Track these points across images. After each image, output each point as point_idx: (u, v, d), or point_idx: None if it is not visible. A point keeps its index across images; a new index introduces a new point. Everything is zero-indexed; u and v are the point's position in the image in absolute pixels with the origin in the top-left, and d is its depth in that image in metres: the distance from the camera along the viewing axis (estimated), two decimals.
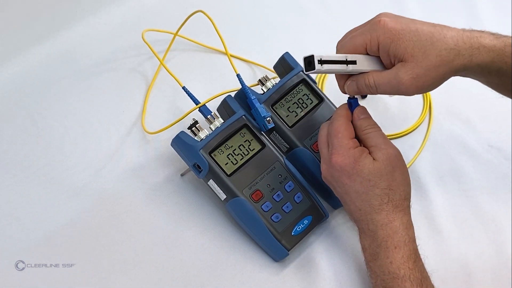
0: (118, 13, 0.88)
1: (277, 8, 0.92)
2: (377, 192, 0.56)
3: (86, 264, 0.62)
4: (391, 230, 0.55)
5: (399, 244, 0.55)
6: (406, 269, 0.54)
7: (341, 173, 0.57)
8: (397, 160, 0.57)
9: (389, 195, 0.56)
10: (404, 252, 0.54)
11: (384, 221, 0.56)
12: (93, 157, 0.71)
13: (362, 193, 0.57)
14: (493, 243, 0.65)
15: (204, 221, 0.66)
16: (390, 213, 0.56)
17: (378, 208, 0.56)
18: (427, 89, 0.57)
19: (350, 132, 0.59)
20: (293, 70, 0.69)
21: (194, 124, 0.64)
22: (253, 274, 0.63)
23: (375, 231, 0.56)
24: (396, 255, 0.54)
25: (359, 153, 0.57)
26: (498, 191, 0.70)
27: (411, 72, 0.55)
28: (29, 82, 0.78)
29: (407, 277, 0.53)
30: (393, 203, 0.56)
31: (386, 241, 0.55)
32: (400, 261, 0.54)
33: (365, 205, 0.57)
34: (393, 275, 0.54)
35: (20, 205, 0.67)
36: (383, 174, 0.56)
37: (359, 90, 0.59)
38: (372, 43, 0.57)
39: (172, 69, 0.71)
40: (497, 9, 0.92)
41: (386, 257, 0.55)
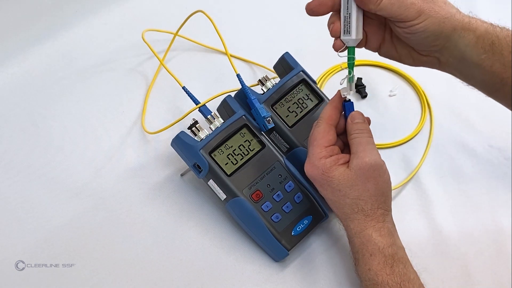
0: (118, 13, 0.88)
1: (277, 8, 0.92)
2: (348, 202, 0.56)
3: (86, 264, 0.62)
4: (364, 238, 0.56)
5: (373, 252, 0.55)
6: (384, 275, 0.54)
7: (314, 182, 0.59)
8: (372, 170, 0.56)
9: (358, 205, 0.56)
10: (379, 259, 0.54)
11: (357, 229, 0.56)
12: (93, 157, 0.71)
13: (334, 201, 0.58)
14: (493, 243, 0.65)
15: (204, 221, 0.66)
16: (361, 222, 0.56)
17: (350, 216, 0.57)
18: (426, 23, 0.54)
19: (327, 140, 0.58)
20: (293, 70, 0.69)
21: (194, 124, 0.64)
22: (253, 274, 0.63)
23: (352, 238, 0.57)
24: (373, 262, 0.55)
25: (330, 163, 0.57)
26: (498, 191, 0.70)
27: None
28: (29, 82, 0.78)
29: (386, 283, 0.53)
30: (364, 213, 0.56)
31: (362, 249, 0.56)
32: (377, 267, 0.54)
33: (340, 212, 0.58)
34: (372, 282, 0.54)
35: (20, 205, 0.67)
36: (354, 184, 0.56)
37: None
38: None
39: (172, 69, 0.71)
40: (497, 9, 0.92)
41: (364, 264, 0.55)
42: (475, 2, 0.94)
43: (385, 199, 0.57)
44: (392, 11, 0.54)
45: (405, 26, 0.55)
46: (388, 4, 0.54)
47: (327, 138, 0.58)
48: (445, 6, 0.56)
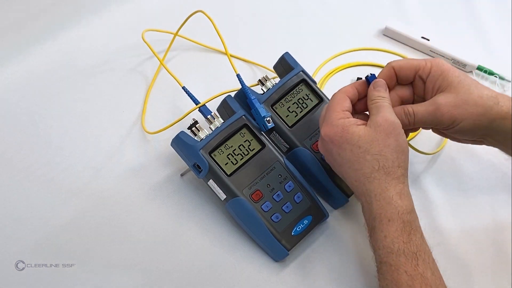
0: (118, 13, 0.88)
1: (277, 8, 0.92)
2: (368, 159, 0.55)
3: (86, 264, 0.62)
4: (384, 200, 0.54)
5: (392, 217, 0.53)
6: (401, 243, 0.52)
7: (332, 145, 0.57)
8: (392, 127, 0.56)
9: (379, 161, 0.54)
10: (398, 225, 0.53)
11: (377, 190, 0.54)
12: (93, 157, 0.71)
13: (353, 162, 0.55)
14: (493, 243, 0.65)
15: (204, 221, 0.66)
16: (382, 181, 0.54)
17: (370, 176, 0.55)
18: (461, 126, 0.58)
19: (343, 106, 0.58)
20: (293, 70, 0.69)
21: (194, 124, 0.64)
22: (253, 274, 0.63)
23: (370, 203, 0.55)
24: (390, 228, 0.53)
25: (349, 122, 0.57)
26: (498, 191, 0.70)
27: (450, 100, 0.58)
28: (29, 82, 0.78)
29: (401, 252, 0.52)
30: (384, 170, 0.54)
31: (380, 214, 0.54)
32: (394, 234, 0.53)
33: (358, 175, 0.55)
34: (387, 250, 0.52)
35: (20, 205, 0.67)
36: (374, 140, 0.55)
37: None
38: (425, 69, 0.60)
39: (172, 69, 0.71)
40: (497, 9, 0.92)
41: (381, 230, 0.53)
42: (475, 2, 0.94)
43: (405, 158, 0.56)
44: (427, 123, 0.60)
45: (443, 130, 0.61)
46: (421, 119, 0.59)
47: (344, 105, 0.59)
48: (480, 101, 0.57)
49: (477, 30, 0.89)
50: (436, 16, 0.92)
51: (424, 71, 0.61)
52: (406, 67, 0.62)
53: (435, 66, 0.60)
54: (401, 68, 0.62)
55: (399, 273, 0.51)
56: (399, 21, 0.88)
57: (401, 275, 0.51)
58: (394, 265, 0.52)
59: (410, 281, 0.51)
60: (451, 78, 0.59)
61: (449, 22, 0.91)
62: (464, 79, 0.59)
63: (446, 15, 0.92)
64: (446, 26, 0.90)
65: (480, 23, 0.90)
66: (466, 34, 0.89)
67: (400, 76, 0.62)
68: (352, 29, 0.89)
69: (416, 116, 0.59)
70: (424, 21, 0.91)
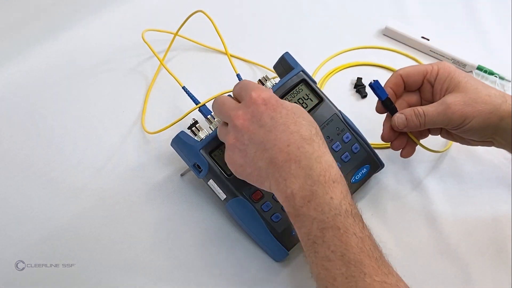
0: (118, 13, 0.88)
1: (277, 8, 0.92)
2: (304, 124, 0.52)
3: (86, 264, 0.62)
4: (326, 163, 0.50)
5: (336, 178, 0.50)
6: (347, 205, 0.49)
7: (265, 107, 0.53)
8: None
9: (315, 128, 0.53)
10: (342, 187, 0.50)
11: (318, 153, 0.51)
12: (93, 157, 0.71)
13: (290, 124, 0.52)
14: (493, 243, 0.65)
15: (204, 221, 0.66)
16: (321, 145, 0.52)
17: (309, 138, 0.51)
18: (472, 124, 0.59)
19: None
20: (293, 70, 0.68)
21: (194, 124, 0.64)
22: (253, 274, 0.63)
23: (310, 166, 0.50)
24: (336, 190, 0.49)
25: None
26: (498, 191, 0.70)
27: (459, 99, 0.59)
28: (29, 82, 0.78)
29: (349, 213, 0.49)
30: (320, 137, 0.53)
31: (324, 175, 0.50)
32: (340, 196, 0.49)
33: (294, 137, 0.51)
34: (334, 212, 0.48)
35: (20, 205, 0.67)
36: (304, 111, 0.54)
37: (407, 120, 0.62)
38: (433, 72, 0.62)
39: (172, 69, 0.71)
40: (497, 9, 0.93)
41: (326, 192, 0.49)
42: (475, 2, 0.94)
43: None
44: (438, 123, 0.61)
45: (453, 129, 0.62)
46: (431, 119, 0.60)
47: None
48: (489, 99, 0.59)
49: (477, 30, 0.89)
50: (436, 16, 0.92)
51: (431, 74, 0.62)
52: (414, 73, 0.63)
53: (441, 69, 0.62)
54: (408, 75, 0.63)
55: (348, 235, 0.48)
56: (399, 21, 0.88)
57: (350, 237, 0.48)
58: (342, 227, 0.48)
59: (360, 243, 0.48)
60: (459, 79, 0.60)
61: (449, 22, 0.91)
62: (471, 79, 0.61)
63: (446, 15, 0.92)
64: (446, 26, 0.91)
65: (480, 23, 0.90)
66: (466, 34, 0.89)
67: (408, 83, 0.64)
68: (352, 29, 0.89)
69: (426, 116, 0.60)
70: (424, 21, 0.91)
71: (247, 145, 0.53)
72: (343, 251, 0.47)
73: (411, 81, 0.64)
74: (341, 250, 0.47)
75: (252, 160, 0.53)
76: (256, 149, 0.52)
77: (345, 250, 0.47)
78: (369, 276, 0.46)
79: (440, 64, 0.63)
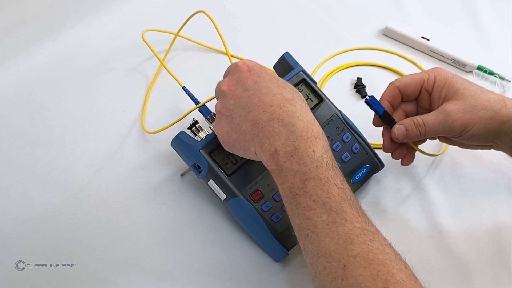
0: (118, 13, 0.88)
1: (277, 8, 0.92)
2: (287, 88, 0.54)
3: (86, 264, 0.62)
4: (308, 121, 0.52)
5: (318, 135, 0.51)
6: (328, 158, 0.51)
7: (249, 73, 0.55)
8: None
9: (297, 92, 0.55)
10: (324, 142, 0.52)
11: (300, 112, 0.52)
12: (93, 157, 0.71)
13: (272, 87, 0.54)
14: (493, 243, 0.65)
15: (204, 221, 0.66)
16: (303, 107, 0.53)
17: (291, 99, 0.53)
18: (473, 131, 0.58)
19: None
20: (293, 70, 0.68)
21: (194, 124, 0.64)
22: (253, 274, 0.63)
23: (293, 124, 0.51)
24: (317, 145, 0.51)
25: None
26: (498, 191, 0.70)
27: (459, 106, 0.58)
28: (29, 82, 0.78)
29: (330, 166, 0.50)
30: (302, 99, 0.54)
31: (306, 131, 0.51)
32: (321, 150, 0.51)
33: (277, 99, 0.53)
34: (316, 164, 0.50)
35: (20, 205, 0.67)
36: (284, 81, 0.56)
37: (407, 131, 0.61)
38: (429, 80, 0.61)
39: (172, 69, 0.71)
40: (497, 9, 0.93)
41: (308, 146, 0.50)
42: (475, 2, 0.94)
43: None
44: (438, 132, 0.60)
45: (454, 137, 0.61)
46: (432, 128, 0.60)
47: None
48: (488, 105, 0.58)
49: (477, 30, 0.89)
50: (436, 16, 0.92)
51: (428, 83, 0.61)
52: (411, 83, 0.62)
53: (438, 76, 0.61)
54: (405, 85, 0.62)
55: (329, 185, 0.49)
56: (399, 21, 0.88)
57: (331, 187, 0.49)
58: (324, 178, 0.49)
59: (341, 193, 0.49)
60: (457, 85, 0.60)
61: (449, 22, 0.91)
62: (469, 85, 0.60)
63: (446, 15, 0.92)
64: (446, 26, 0.91)
65: (480, 23, 0.90)
66: (466, 34, 0.89)
67: (406, 94, 0.63)
68: (352, 29, 0.89)
69: (426, 126, 0.60)
70: (424, 21, 0.91)
71: (233, 110, 0.55)
72: (324, 199, 0.48)
73: (409, 92, 0.63)
74: (322, 199, 0.49)
75: (237, 125, 0.54)
76: (241, 113, 0.54)
77: (326, 199, 0.48)
78: (350, 223, 0.47)
79: (436, 71, 0.62)
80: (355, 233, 0.47)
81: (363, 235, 0.47)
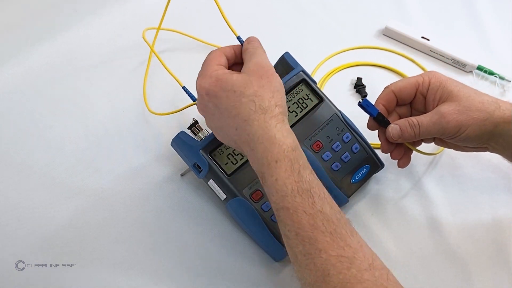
0: (118, 13, 0.88)
1: (277, 8, 0.92)
2: (244, 101, 0.52)
3: (86, 264, 0.62)
4: (267, 141, 0.51)
5: (278, 157, 0.50)
6: (293, 183, 0.50)
7: (208, 97, 0.54)
8: (264, 70, 0.54)
9: (255, 101, 0.52)
10: (286, 164, 0.50)
11: (259, 132, 0.51)
12: (93, 157, 0.71)
13: (231, 109, 0.53)
14: (493, 243, 0.65)
15: (204, 221, 0.66)
16: (262, 122, 0.51)
17: (249, 119, 0.52)
18: (467, 133, 0.58)
19: (219, 61, 0.57)
20: (293, 70, 0.69)
21: (194, 124, 0.64)
22: (253, 274, 0.63)
23: (255, 148, 0.52)
24: (279, 170, 0.50)
25: (223, 72, 0.55)
26: (498, 191, 0.70)
27: (453, 107, 0.59)
28: (29, 82, 0.78)
29: (296, 192, 0.49)
30: (262, 110, 0.52)
31: (267, 156, 0.51)
32: (284, 175, 0.50)
33: (237, 121, 0.52)
34: (281, 193, 0.50)
35: (20, 205, 0.67)
36: (248, 82, 0.53)
37: (402, 131, 0.61)
38: (424, 84, 0.61)
39: (172, 69, 0.71)
40: (497, 9, 0.93)
41: (271, 175, 0.50)
42: (475, 2, 0.94)
43: (281, 97, 0.54)
44: (433, 133, 0.60)
45: (449, 138, 0.61)
46: (426, 129, 0.60)
47: (218, 60, 0.57)
48: (482, 107, 0.58)
49: (477, 30, 0.89)
50: (436, 16, 0.92)
51: (423, 86, 0.62)
52: (406, 87, 0.62)
53: (433, 78, 0.61)
54: (401, 89, 0.63)
55: (298, 215, 0.49)
56: (399, 21, 0.88)
57: (300, 216, 0.49)
58: (291, 207, 0.49)
59: (312, 220, 0.48)
60: (451, 88, 0.60)
61: (449, 22, 0.91)
62: (463, 87, 0.60)
63: (446, 15, 0.92)
64: (446, 26, 0.91)
65: (480, 23, 0.90)
66: (466, 34, 0.89)
67: (401, 98, 0.63)
68: (352, 29, 0.89)
69: (421, 127, 0.60)
70: (424, 21, 0.91)
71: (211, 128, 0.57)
72: (296, 230, 0.49)
73: (404, 96, 0.63)
74: (295, 229, 0.49)
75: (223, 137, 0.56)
76: (218, 132, 0.56)
77: (298, 229, 0.49)
78: (324, 252, 0.47)
79: (430, 74, 0.62)
80: (331, 263, 0.47)
81: (339, 263, 0.47)
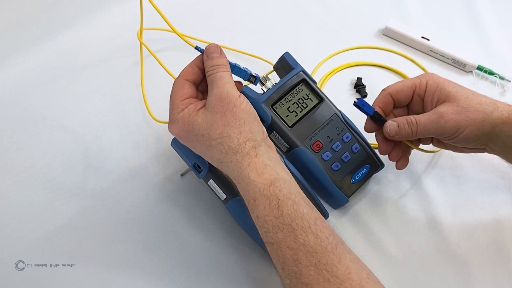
0: (118, 13, 0.88)
1: (277, 8, 0.92)
2: (214, 144, 0.52)
3: (86, 264, 0.62)
4: (243, 182, 0.51)
5: (255, 196, 0.51)
6: (273, 219, 0.50)
7: (183, 140, 0.56)
8: (226, 103, 0.52)
9: (224, 144, 0.52)
10: (264, 202, 0.50)
11: (234, 173, 0.52)
12: (93, 157, 0.71)
13: (205, 151, 0.54)
14: (493, 243, 0.65)
15: (204, 221, 0.66)
16: (234, 163, 0.52)
17: (223, 161, 0.52)
18: (466, 133, 0.58)
19: (182, 94, 0.56)
20: (293, 70, 0.68)
21: None
22: (253, 274, 0.63)
23: (235, 187, 0.54)
24: (259, 208, 0.51)
25: (188, 113, 0.54)
26: (498, 191, 0.70)
27: (451, 108, 0.58)
28: (29, 82, 0.79)
29: (277, 228, 0.50)
30: (232, 151, 0.52)
31: (245, 196, 0.52)
32: (264, 213, 0.50)
33: (215, 162, 0.54)
34: (264, 230, 0.51)
35: (20, 205, 0.67)
36: (213, 123, 0.52)
37: (399, 128, 0.61)
38: (421, 85, 0.61)
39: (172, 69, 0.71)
40: (497, 9, 0.93)
41: (252, 212, 0.52)
42: (475, 2, 0.94)
43: (250, 128, 0.53)
44: (430, 132, 0.60)
45: (447, 139, 0.61)
46: (424, 127, 0.59)
47: (182, 92, 0.56)
48: (480, 107, 0.58)
49: (477, 30, 0.89)
50: (436, 16, 0.92)
51: (420, 88, 0.62)
52: (403, 89, 0.62)
53: (430, 80, 0.61)
54: (398, 92, 0.63)
55: (281, 250, 0.50)
56: (399, 21, 0.88)
57: (284, 251, 0.49)
58: (275, 243, 0.50)
59: (295, 255, 0.49)
60: (449, 89, 0.60)
61: (449, 22, 0.92)
62: (461, 89, 0.60)
63: (446, 15, 0.92)
64: (446, 26, 0.91)
65: (480, 23, 0.90)
66: (466, 34, 0.89)
67: (399, 100, 0.63)
68: (352, 29, 0.89)
69: (419, 125, 0.60)
70: (424, 21, 0.91)
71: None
72: (282, 265, 0.50)
73: (401, 98, 0.63)
74: (281, 263, 0.50)
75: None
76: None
77: (283, 264, 0.50)
78: (310, 286, 0.48)
79: (427, 76, 0.62)
80: None
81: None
